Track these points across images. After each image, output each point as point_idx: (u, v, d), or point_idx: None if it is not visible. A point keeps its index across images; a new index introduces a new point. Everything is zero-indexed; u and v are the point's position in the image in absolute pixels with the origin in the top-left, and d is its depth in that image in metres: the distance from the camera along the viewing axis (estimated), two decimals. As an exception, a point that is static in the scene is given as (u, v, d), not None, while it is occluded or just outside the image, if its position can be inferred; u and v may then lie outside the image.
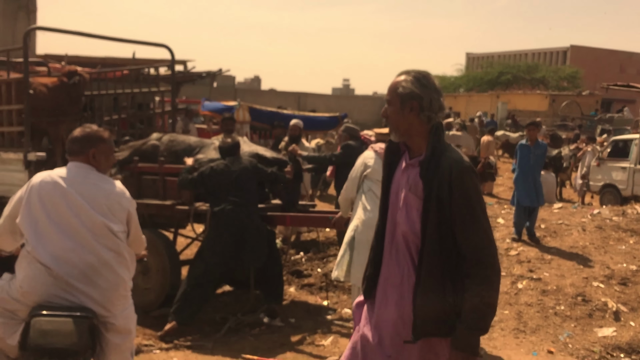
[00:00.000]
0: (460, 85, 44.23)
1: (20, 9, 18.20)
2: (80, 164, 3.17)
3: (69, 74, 6.72)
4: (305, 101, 30.92)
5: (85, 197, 3.06)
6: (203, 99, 13.08)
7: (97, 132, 3.31)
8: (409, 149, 2.50)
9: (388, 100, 2.47)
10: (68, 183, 3.08)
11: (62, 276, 2.96)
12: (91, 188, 3.11)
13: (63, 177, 3.10)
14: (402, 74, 2.46)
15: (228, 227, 5.24)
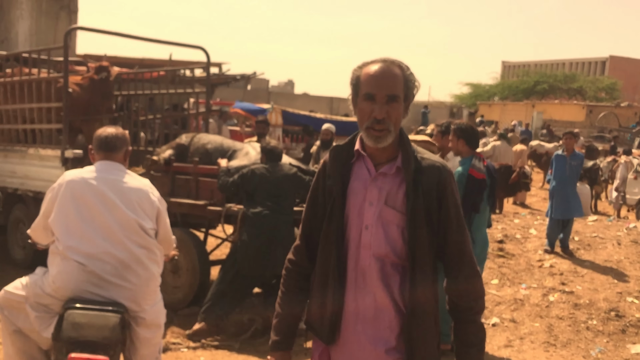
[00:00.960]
0: (495, 94, 43.74)
1: (62, 9, 18.64)
2: (111, 162, 3.22)
3: (97, 69, 6.87)
4: (338, 105, 30.93)
5: (116, 194, 3.11)
6: (236, 101, 13.21)
7: (125, 132, 3.40)
8: (370, 156, 2.11)
9: (393, 95, 2.01)
10: (99, 180, 3.13)
11: (94, 272, 3.01)
12: (122, 185, 3.16)
13: (94, 175, 3.15)
14: (390, 61, 2.07)
15: (262, 230, 5.25)
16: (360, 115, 2.06)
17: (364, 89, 2.04)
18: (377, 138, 2.03)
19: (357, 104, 2.08)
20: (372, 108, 2.01)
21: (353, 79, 2.10)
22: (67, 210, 3.07)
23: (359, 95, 2.07)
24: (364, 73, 2.07)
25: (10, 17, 18.26)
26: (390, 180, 2.07)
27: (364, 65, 2.10)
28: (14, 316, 3.30)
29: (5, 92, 6.94)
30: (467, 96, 43.37)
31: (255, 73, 13.52)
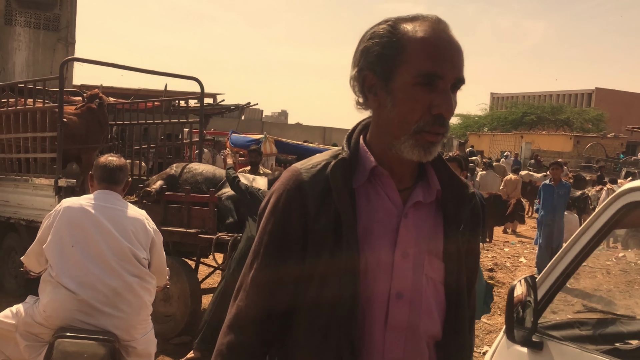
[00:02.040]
0: (484, 125, 44.23)
1: (59, 41, 18.85)
2: (110, 192, 3.26)
3: (90, 97, 6.98)
4: (331, 135, 31.17)
5: (112, 222, 3.14)
6: (231, 131, 13.33)
7: (127, 163, 3.46)
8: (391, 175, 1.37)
9: (461, 79, 1.31)
10: (96, 209, 3.16)
11: (86, 300, 3.01)
12: (118, 214, 3.19)
13: (92, 203, 3.19)
14: (444, 22, 1.33)
15: None
16: (406, 110, 1.28)
17: (420, 64, 1.26)
18: (430, 147, 1.30)
19: (396, 89, 1.28)
20: (430, 98, 1.26)
21: (387, 44, 1.29)
22: (62, 237, 3.09)
23: (399, 73, 1.27)
24: (417, 37, 1.27)
25: (8, 49, 18.42)
26: (425, 213, 1.37)
27: (410, 21, 1.30)
28: (3, 345, 3.31)
29: (0, 122, 7.00)
30: (457, 127, 43.79)
31: (249, 103, 13.70)
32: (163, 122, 8.02)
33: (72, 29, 19.19)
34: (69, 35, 18.97)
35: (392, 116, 1.30)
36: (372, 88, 1.32)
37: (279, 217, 1.37)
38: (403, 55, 1.27)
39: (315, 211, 1.32)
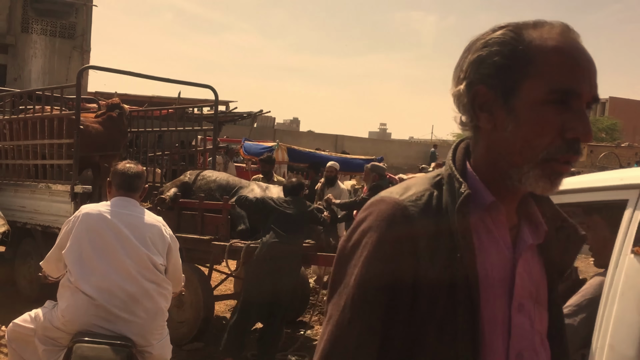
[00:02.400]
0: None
1: (74, 49, 19.09)
2: (127, 198, 3.30)
3: (111, 106, 7.08)
4: (342, 143, 31.18)
5: (130, 229, 3.18)
6: (243, 139, 13.40)
7: (145, 170, 3.51)
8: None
9: (596, 98, 1.10)
10: (114, 215, 3.21)
11: (103, 306, 3.05)
12: (136, 221, 3.24)
13: (110, 210, 3.23)
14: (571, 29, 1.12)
15: (269, 258, 5.34)
16: (533, 133, 1.08)
17: (553, 78, 1.06)
18: (557, 179, 1.10)
19: (520, 107, 1.08)
20: (562, 119, 1.06)
21: (510, 53, 1.08)
22: (81, 243, 3.14)
23: (525, 88, 1.07)
24: (548, 47, 1.07)
25: (24, 56, 18.68)
26: (532, 257, 1.21)
27: (535, 27, 1.10)
28: (22, 349, 3.36)
29: (18, 128, 7.11)
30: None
31: (261, 111, 13.76)
32: (177, 130, 8.10)
33: (88, 36, 19.43)
34: (85, 43, 19.21)
35: (514, 140, 1.08)
36: (486, 105, 1.10)
37: (383, 264, 1.08)
38: (531, 68, 1.06)
39: (429, 256, 1.08)
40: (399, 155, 33.42)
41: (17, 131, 7.13)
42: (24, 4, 18.68)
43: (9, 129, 7.25)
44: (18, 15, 18.67)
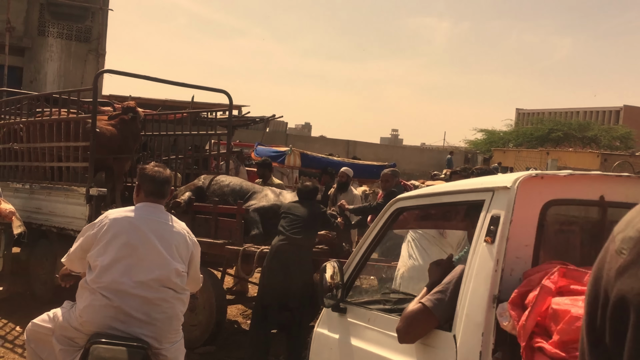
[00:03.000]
0: (509, 141, 43.87)
1: (90, 52, 19.26)
2: (154, 204, 3.31)
3: (125, 109, 7.14)
4: (355, 149, 31.20)
5: (157, 237, 3.20)
6: (256, 143, 13.44)
7: (171, 173, 3.52)
8: None
9: None
10: (143, 223, 3.22)
11: (121, 308, 3.08)
12: (163, 228, 3.26)
13: (137, 217, 3.24)
14: None
15: (281, 259, 5.35)
16: None
17: None
18: None
19: None
20: None
21: None
22: (106, 246, 3.15)
23: None
24: None
25: (40, 59, 18.88)
26: None
27: None
28: (40, 349, 3.39)
29: (35, 130, 7.19)
30: (482, 142, 43.50)
31: (274, 116, 13.78)
32: (191, 134, 8.15)
33: (103, 40, 19.60)
34: (100, 46, 19.37)
35: None
36: None
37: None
38: None
39: None
40: (411, 161, 33.38)
41: (33, 133, 7.21)
42: (40, 7, 18.89)
43: (26, 132, 7.33)
44: (35, 19, 18.88)
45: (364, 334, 2.89)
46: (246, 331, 6.56)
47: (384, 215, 3.07)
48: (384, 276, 4.45)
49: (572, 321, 1.81)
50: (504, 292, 2.15)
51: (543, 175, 2.40)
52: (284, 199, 6.18)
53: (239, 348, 5.92)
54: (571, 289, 1.97)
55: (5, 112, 8.11)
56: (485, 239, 2.28)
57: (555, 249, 2.37)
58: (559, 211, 2.40)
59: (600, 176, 2.65)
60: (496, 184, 2.37)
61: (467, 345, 2.23)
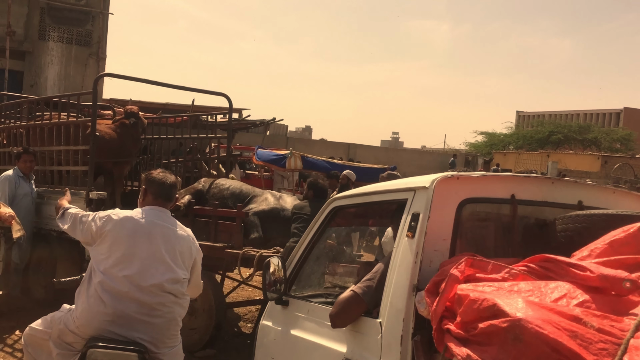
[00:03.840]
0: (509, 143, 43.88)
1: (90, 56, 19.29)
2: (161, 208, 3.31)
3: (127, 114, 7.13)
4: (355, 152, 31.19)
5: (161, 240, 3.19)
6: (257, 147, 13.44)
7: (177, 178, 3.52)
8: None
9: None
10: (150, 226, 3.21)
11: (118, 312, 3.07)
12: (169, 233, 3.25)
13: (145, 220, 3.23)
14: None
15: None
16: None
17: None
18: None
19: None
20: None
21: None
22: (111, 248, 3.14)
23: None
24: None
25: (41, 63, 18.91)
26: None
27: None
28: (37, 353, 3.38)
29: (35, 134, 7.18)
30: (482, 145, 43.52)
31: (274, 119, 13.80)
32: (192, 137, 8.14)
33: (103, 44, 19.64)
34: (100, 50, 19.41)
35: None
36: None
37: None
38: None
39: None
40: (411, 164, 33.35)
41: (33, 137, 7.20)
42: (41, 11, 18.92)
43: (26, 135, 7.32)
44: (35, 23, 18.91)
45: (304, 324, 3.11)
46: (246, 334, 6.55)
47: (322, 213, 3.31)
48: (327, 271, 4.60)
49: (470, 304, 1.97)
50: (423, 281, 2.34)
51: (458, 176, 2.60)
52: (284, 202, 6.16)
53: (239, 351, 5.90)
54: (476, 277, 2.17)
55: (5, 116, 8.11)
56: (407, 234, 2.48)
57: (471, 243, 2.60)
58: (474, 209, 2.65)
59: (511, 177, 2.91)
60: (417, 184, 2.59)
61: (390, 330, 2.44)
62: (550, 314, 1.72)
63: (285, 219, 5.92)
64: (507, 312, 1.77)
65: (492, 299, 1.87)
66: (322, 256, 3.56)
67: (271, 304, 3.41)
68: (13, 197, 6.58)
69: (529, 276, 2.07)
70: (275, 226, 5.94)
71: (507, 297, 1.86)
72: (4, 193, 6.53)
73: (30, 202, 6.82)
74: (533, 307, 1.76)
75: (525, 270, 2.10)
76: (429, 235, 2.41)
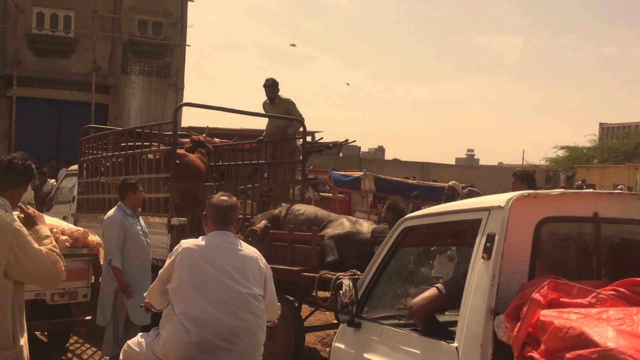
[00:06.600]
0: (593, 157, 42.04)
1: (169, 87, 20.18)
2: (223, 231, 3.36)
3: (196, 143, 7.53)
4: (429, 171, 30.77)
5: (230, 262, 3.24)
6: (330, 169, 13.52)
7: (238, 203, 3.58)
8: None
9: None
10: (214, 250, 3.27)
11: (203, 339, 3.11)
12: (235, 253, 3.30)
13: (208, 244, 3.29)
14: None
15: None
16: None
17: None
18: None
19: None
20: None
21: None
22: (183, 278, 3.21)
23: None
24: None
25: (124, 95, 19.96)
26: None
27: None
28: None
29: (121, 164, 7.54)
30: (563, 159, 41.93)
31: (347, 140, 13.84)
32: (267, 162, 8.29)
33: (181, 75, 20.51)
34: (178, 81, 20.27)
35: None
36: None
37: None
38: None
39: None
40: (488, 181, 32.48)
41: (119, 167, 7.55)
42: (123, 47, 20.01)
43: (112, 165, 7.69)
44: (118, 58, 20.01)
45: (377, 347, 3.06)
46: (325, 358, 6.52)
47: (393, 234, 3.28)
48: (399, 292, 4.49)
49: (555, 332, 1.90)
50: (501, 305, 2.28)
51: (536, 194, 2.52)
52: (360, 226, 6.15)
53: (318, 376, 5.88)
54: (561, 302, 2.09)
55: (93, 147, 8.57)
56: (483, 256, 2.41)
57: (551, 264, 2.53)
58: (554, 228, 2.56)
59: (593, 194, 2.83)
60: (491, 204, 2.53)
61: (467, 355, 2.38)
62: (644, 344, 1.63)
63: (361, 242, 5.89)
64: (596, 342, 1.69)
65: (580, 327, 1.79)
66: (393, 277, 3.51)
67: (343, 326, 3.38)
68: (124, 242, 5.58)
69: (618, 301, 1.97)
70: (351, 250, 5.92)
71: (595, 326, 1.78)
72: (113, 240, 5.52)
73: (143, 243, 5.80)
74: (625, 336, 1.67)
75: (615, 295, 2.00)
76: (506, 256, 2.34)
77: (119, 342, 5.45)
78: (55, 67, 19.23)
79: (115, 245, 5.52)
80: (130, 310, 5.51)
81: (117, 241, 5.52)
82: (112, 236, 5.54)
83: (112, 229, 5.55)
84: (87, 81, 18.90)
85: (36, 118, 18.43)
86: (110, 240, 5.56)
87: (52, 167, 15.43)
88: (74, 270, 5.88)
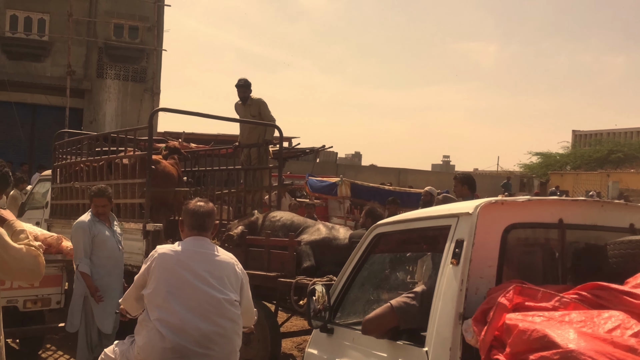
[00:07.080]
0: (566, 163, 42.74)
1: (145, 92, 20.05)
2: (200, 237, 3.35)
3: (172, 150, 7.54)
4: (406, 177, 30.98)
5: (205, 268, 3.24)
6: (307, 175, 13.56)
7: (215, 208, 3.58)
8: None
9: None
10: (190, 256, 3.26)
11: (178, 345, 3.10)
12: (211, 259, 3.29)
13: (184, 250, 3.29)
14: None
15: None
16: None
17: None
18: None
19: None
20: None
21: None
22: (158, 283, 3.20)
23: None
24: None
25: (99, 100, 19.78)
26: None
27: None
28: None
29: (95, 169, 7.48)
30: (537, 166, 42.55)
31: (324, 146, 13.92)
32: (243, 168, 8.30)
33: (157, 80, 20.39)
34: (155, 85, 20.15)
35: None
36: None
37: None
38: None
39: None
40: (464, 187, 32.76)
41: (93, 172, 7.49)
42: (99, 51, 19.85)
43: (86, 170, 7.63)
44: (94, 62, 19.83)
45: (349, 353, 3.12)
46: (300, 364, 6.54)
47: (365, 240, 3.32)
48: (372, 298, 4.52)
49: (520, 334, 1.95)
50: (469, 309, 2.33)
51: (503, 201, 2.60)
52: (336, 232, 6.19)
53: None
54: (526, 306, 2.14)
55: (67, 152, 8.49)
56: (451, 261, 2.46)
57: (518, 269, 2.59)
58: (521, 234, 2.62)
59: (558, 200, 2.88)
60: (460, 210, 2.57)
61: (437, 359, 2.44)
62: (604, 345, 1.69)
63: (338, 248, 5.94)
64: (558, 344, 1.75)
65: (543, 330, 1.85)
66: (366, 283, 3.54)
67: (316, 332, 3.42)
68: (92, 248, 5.46)
69: (580, 305, 2.03)
70: (328, 255, 5.96)
71: (558, 328, 1.84)
72: (80, 245, 5.42)
73: (115, 249, 5.62)
74: (586, 338, 1.74)
75: (577, 299, 2.07)
76: (474, 262, 2.39)
77: (94, 348, 5.38)
78: (29, 70, 19.00)
79: (82, 250, 5.42)
80: (97, 317, 5.41)
81: (84, 246, 5.41)
82: (79, 241, 5.45)
83: (79, 234, 5.46)
84: (61, 85, 18.68)
85: (9, 122, 18.18)
86: (77, 246, 5.48)
87: (24, 171, 15.22)
88: (47, 276, 5.73)
